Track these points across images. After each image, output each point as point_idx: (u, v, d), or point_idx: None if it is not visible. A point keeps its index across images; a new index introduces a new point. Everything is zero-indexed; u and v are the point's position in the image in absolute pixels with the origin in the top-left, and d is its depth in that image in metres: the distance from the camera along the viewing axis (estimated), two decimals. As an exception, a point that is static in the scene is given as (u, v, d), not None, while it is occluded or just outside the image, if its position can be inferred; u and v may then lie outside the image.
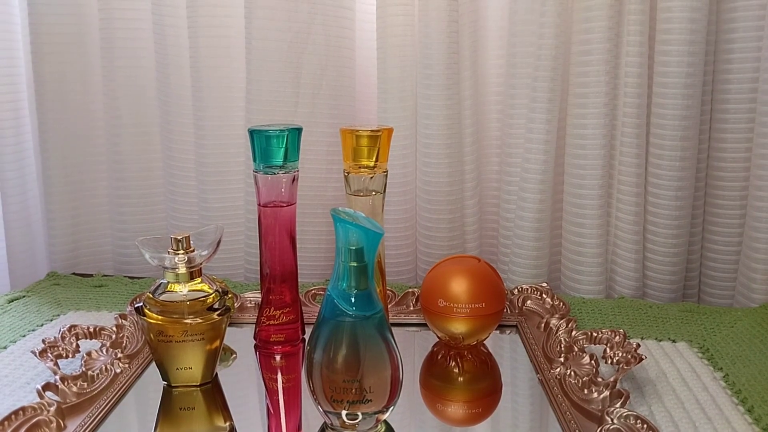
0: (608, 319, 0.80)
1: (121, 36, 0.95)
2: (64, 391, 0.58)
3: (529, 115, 0.89)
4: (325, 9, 0.90)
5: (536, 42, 0.86)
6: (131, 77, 0.97)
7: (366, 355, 0.52)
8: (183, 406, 0.61)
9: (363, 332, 0.52)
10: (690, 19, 0.81)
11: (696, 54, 0.82)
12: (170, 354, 0.61)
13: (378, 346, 0.52)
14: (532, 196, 0.89)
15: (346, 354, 0.51)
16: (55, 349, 0.65)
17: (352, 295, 0.52)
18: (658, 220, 0.88)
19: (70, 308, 0.84)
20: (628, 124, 0.86)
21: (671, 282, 0.89)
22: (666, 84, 0.84)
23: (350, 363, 0.51)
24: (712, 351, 0.71)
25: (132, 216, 1.01)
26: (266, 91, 0.91)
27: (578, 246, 0.91)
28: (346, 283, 0.52)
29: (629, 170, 0.87)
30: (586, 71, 0.86)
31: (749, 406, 0.60)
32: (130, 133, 0.99)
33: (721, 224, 0.89)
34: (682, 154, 0.85)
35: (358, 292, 0.52)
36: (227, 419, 0.59)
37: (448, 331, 0.68)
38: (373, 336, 0.52)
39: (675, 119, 0.84)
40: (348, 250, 0.51)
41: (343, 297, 0.52)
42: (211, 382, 0.64)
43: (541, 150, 0.88)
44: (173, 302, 0.60)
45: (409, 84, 0.91)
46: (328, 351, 0.52)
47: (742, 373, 0.65)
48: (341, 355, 0.51)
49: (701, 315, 0.80)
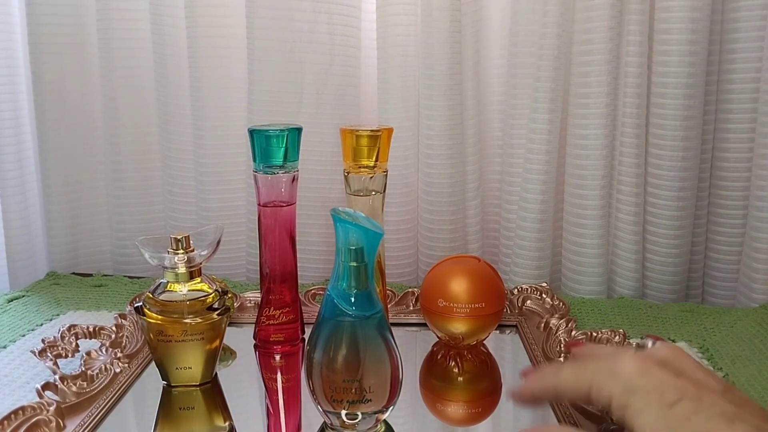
0: (608, 319, 0.80)
1: (120, 36, 0.95)
2: (64, 390, 0.58)
3: (531, 116, 0.88)
4: (330, 7, 0.90)
5: (538, 42, 0.86)
6: (130, 77, 0.97)
7: (366, 355, 0.51)
8: (183, 405, 0.61)
9: (363, 332, 0.52)
10: (690, 18, 0.81)
11: (698, 54, 0.82)
12: (170, 354, 0.61)
13: (378, 346, 0.52)
14: (534, 197, 0.89)
15: (346, 354, 0.51)
16: (54, 348, 0.65)
17: (352, 294, 0.51)
18: (659, 220, 0.88)
19: (70, 308, 0.84)
20: (628, 124, 0.86)
21: (672, 282, 0.89)
22: (666, 84, 0.84)
23: (350, 363, 0.51)
24: (712, 351, 0.71)
25: (131, 216, 1.01)
26: (268, 91, 0.91)
27: (579, 246, 0.90)
28: (345, 283, 0.51)
29: (629, 170, 0.87)
30: (587, 71, 0.86)
31: (749, 406, 0.60)
32: (129, 133, 0.98)
33: (724, 224, 0.89)
34: (684, 154, 0.85)
35: (358, 292, 0.51)
36: (227, 419, 0.59)
37: (448, 331, 0.68)
38: (373, 336, 0.52)
39: (676, 119, 0.84)
40: (348, 250, 0.51)
41: (342, 297, 0.51)
42: (211, 381, 0.63)
43: (543, 150, 0.88)
44: (173, 302, 0.60)
45: (410, 84, 0.91)
46: (328, 351, 0.51)
47: (742, 372, 0.65)
48: (341, 354, 0.51)
49: (701, 315, 0.80)
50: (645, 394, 0.40)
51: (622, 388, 0.41)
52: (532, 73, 0.88)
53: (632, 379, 0.41)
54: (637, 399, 0.40)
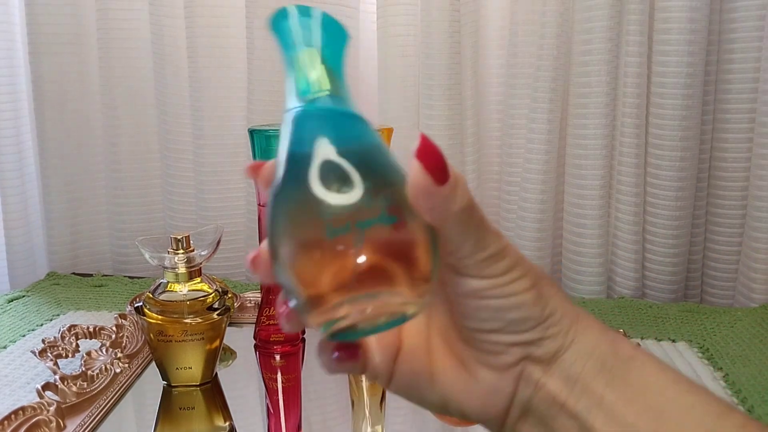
0: (608, 319, 0.80)
1: (119, 36, 0.95)
2: (64, 390, 0.58)
3: (530, 115, 0.88)
4: (329, 5, 0.90)
5: (538, 41, 0.86)
6: (129, 77, 0.97)
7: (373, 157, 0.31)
8: (183, 405, 0.61)
9: (357, 131, 0.33)
10: (689, 18, 0.81)
11: (696, 54, 0.82)
12: (170, 354, 0.61)
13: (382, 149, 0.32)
14: (533, 197, 0.89)
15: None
16: (54, 348, 0.65)
17: (325, 95, 0.33)
18: (658, 220, 0.88)
19: (70, 308, 0.84)
20: (627, 124, 0.86)
21: (671, 282, 0.89)
22: (665, 84, 0.84)
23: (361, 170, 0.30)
24: (712, 351, 0.71)
25: (131, 216, 1.01)
26: (268, 91, 0.91)
27: (578, 246, 0.90)
28: (309, 86, 0.33)
29: (629, 170, 0.87)
30: (587, 71, 0.86)
31: (749, 405, 0.60)
32: (129, 133, 0.98)
33: (723, 224, 0.89)
34: (683, 154, 0.85)
35: (333, 95, 0.33)
36: (227, 419, 0.59)
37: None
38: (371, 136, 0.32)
39: (675, 119, 0.84)
40: (303, 56, 0.34)
41: (313, 102, 0.33)
42: (211, 381, 0.63)
43: (543, 150, 0.88)
44: (173, 302, 0.60)
45: (410, 84, 0.91)
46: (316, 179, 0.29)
47: (741, 372, 0.65)
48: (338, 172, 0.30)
49: (701, 315, 0.80)
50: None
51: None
52: (531, 72, 0.88)
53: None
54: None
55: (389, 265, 0.29)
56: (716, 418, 0.30)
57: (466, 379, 0.33)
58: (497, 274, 0.31)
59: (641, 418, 0.30)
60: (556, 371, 0.32)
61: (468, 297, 0.31)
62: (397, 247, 0.29)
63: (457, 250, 0.30)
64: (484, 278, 0.31)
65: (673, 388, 0.31)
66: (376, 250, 0.28)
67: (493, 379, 0.32)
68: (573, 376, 0.31)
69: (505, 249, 0.31)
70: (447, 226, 0.29)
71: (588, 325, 0.32)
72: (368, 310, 0.29)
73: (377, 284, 0.29)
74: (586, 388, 0.31)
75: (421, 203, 0.29)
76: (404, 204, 0.29)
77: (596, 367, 0.31)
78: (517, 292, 0.31)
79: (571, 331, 0.32)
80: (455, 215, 0.29)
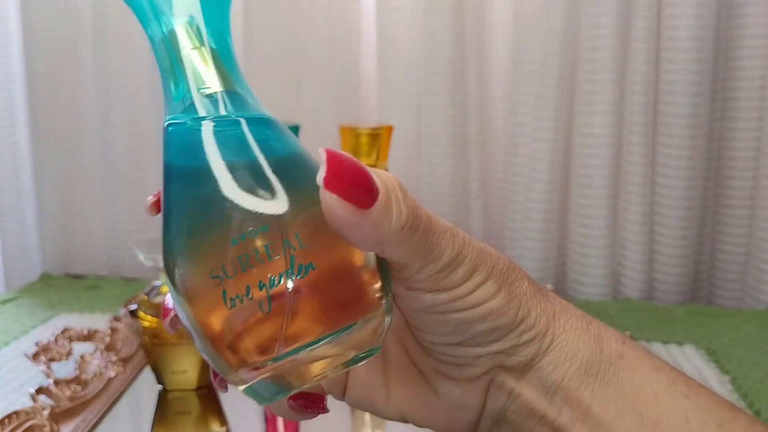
0: (614, 322, 0.79)
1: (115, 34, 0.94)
2: (58, 394, 0.58)
3: (536, 113, 0.87)
4: (329, 3, 0.89)
5: (543, 37, 0.85)
6: (124, 76, 0.96)
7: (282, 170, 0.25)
8: (178, 410, 0.60)
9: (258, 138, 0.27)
10: (697, 16, 0.80)
11: (704, 52, 0.81)
12: (165, 357, 0.60)
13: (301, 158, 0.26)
14: (539, 197, 0.88)
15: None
16: (48, 352, 0.65)
17: (212, 96, 0.27)
18: (666, 221, 0.87)
19: (64, 310, 0.83)
20: (635, 122, 0.85)
21: (679, 283, 0.88)
22: (674, 82, 0.82)
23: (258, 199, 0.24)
24: (719, 354, 0.70)
25: (125, 216, 1.00)
26: (267, 89, 0.90)
27: (584, 248, 0.89)
28: (188, 84, 0.27)
29: (636, 170, 0.86)
30: (594, 69, 0.84)
31: (756, 409, 0.59)
32: (124, 133, 0.97)
33: (731, 225, 0.88)
34: (691, 153, 0.84)
35: (228, 92, 0.28)
36: (223, 423, 0.58)
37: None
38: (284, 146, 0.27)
39: (683, 118, 0.83)
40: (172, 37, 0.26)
41: (198, 105, 0.27)
42: (207, 385, 0.63)
43: (549, 149, 0.87)
44: (169, 304, 0.59)
45: (411, 80, 0.90)
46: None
47: (749, 376, 0.65)
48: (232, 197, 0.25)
49: (708, 317, 0.79)
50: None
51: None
52: (537, 69, 0.87)
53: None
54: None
55: (315, 315, 0.24)
56: (718, 429, 0.27)
57: (427, 392, 0.29)
58: (456, 284, 0.26)
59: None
60: (532, 379, 0.28)
61: (424, 312, 0.27)
62: (321, 294, 0.24)
63: (404, 269, 0.25)
64: (441, 292, 0.26)
65: (668, 393, 0.28)
66: (295, 308, 0.23)
67: (458, 392, 0.29)
68: (553, 384, 0.28)
69: (461, 252, 0.26)
70: (386, 249, 0.24)
71: (568, 322, 0.28)
72: (299, 367, 0.24)
73: (301, 339, 0.24)
74: (569, 398, 0.28)
75: (349, 237, 0.24)
76: (324, 237, 0.24)
77: (580, 372, 0.28)
78: (482, 301, 0.26)
79: (549, 332, 0.28)
80: (393, 236, 0.24)
